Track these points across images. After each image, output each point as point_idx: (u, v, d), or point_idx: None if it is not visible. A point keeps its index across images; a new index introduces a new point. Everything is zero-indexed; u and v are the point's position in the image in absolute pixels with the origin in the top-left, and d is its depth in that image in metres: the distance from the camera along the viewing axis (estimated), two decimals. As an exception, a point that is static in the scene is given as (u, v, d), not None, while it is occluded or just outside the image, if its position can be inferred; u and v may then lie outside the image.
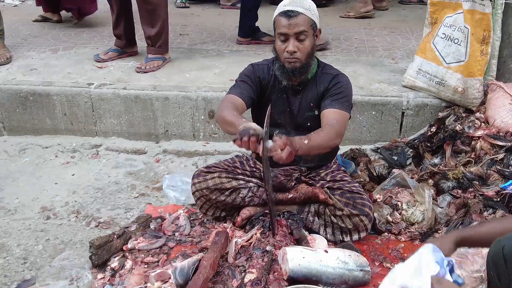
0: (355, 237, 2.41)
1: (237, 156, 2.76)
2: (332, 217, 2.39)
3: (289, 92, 2.46)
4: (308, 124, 2.48)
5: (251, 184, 2.54)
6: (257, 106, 2.50)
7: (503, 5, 3.00)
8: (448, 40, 3.10)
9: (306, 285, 2.01)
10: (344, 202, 2.37)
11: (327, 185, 2.49)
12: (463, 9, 2.99)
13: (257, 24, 4.30)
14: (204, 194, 2.51)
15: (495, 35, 3.04)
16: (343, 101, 2.37)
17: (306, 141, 2.09)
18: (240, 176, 2.54)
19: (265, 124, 1.96)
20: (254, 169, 2.60)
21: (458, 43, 3.05)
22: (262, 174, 2.54)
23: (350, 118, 2.43)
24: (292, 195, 2.50)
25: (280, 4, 2.33)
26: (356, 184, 2.50)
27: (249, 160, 2.67)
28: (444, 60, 3.12)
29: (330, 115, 2.31)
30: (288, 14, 2.24)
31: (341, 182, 2.49)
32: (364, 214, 2.35)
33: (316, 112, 2.45)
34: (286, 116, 2.50)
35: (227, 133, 2.46)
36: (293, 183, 2.52)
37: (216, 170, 2.54)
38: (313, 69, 2.43)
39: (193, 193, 2.56)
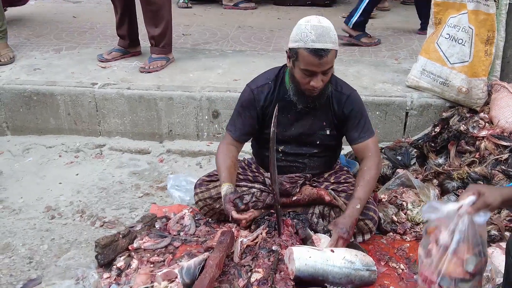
0: (359, 239, 2.41)
1: (238, 161, 2.74)
2: None
3: (299, 110, 2.36)
4: (318, 142, 2.45)
5: (254, 189, 2.53)
6: (261, 124, 2.46)
7: (507, 6, 3.00)
8: (452, 40, 3.10)
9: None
10: None
11: (331, 187, 2.48)
12: (467, 9, 2.99)
13: (257, 23, 4.28)
14: (207, 203, 2.51)
15: (499, 36, 3.04)
16: (367, 126, 2.40)
17: (358, 206, 2.24)
18: (243, 183, 2.53)
19: (272, 125, 1.97)
20: (257, 174, 2.59)
21: (462, 43, 3.05)
22: (267, 177, 2.53)
23: None
24: (296, 197, 2.49)
25: (304, 34, 2.10)
26: None
27: (251, 165, 2.66)
28: (448, 61, 3.12)
29: (365, 148, 2.38)
30: (319, 54, 2.08)
31: (345, 185, 2.48)
32: (368, 218, 2.35)
33: (328, 132, 2.42)
34: (292, 134, 2.43)
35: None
36: (297, 190, 2.50)
37: (218, 178, 2.52)
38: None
39: (196, 203, 2.55)
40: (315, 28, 2.10)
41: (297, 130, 2.42)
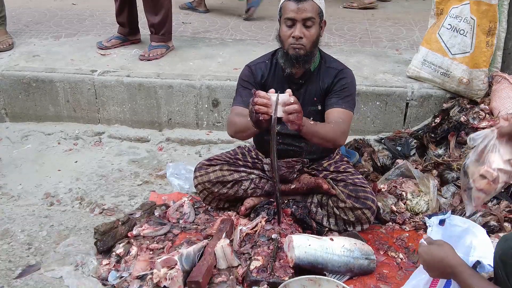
0: (358, 228, 2.41)
1: (239, 147, 2.74)
2: (335, 209, 2.39)
3: (291, 86, 2.38)
4: (311, 118, 2.45)
5: (253, 176, 2.53)
6: None
7: (510, -3, 3.00)
8: (453, 31, 3.08)
9: (310, 276, 2.00)
10: (347, 194, 2.37)
11: (330, 176, 2.48)
12: (470, 0, 2.98)
13: (259, 12, 4.26)
14: (206, 187, 2.51)
15: (501, 27, 3.03)
16: (349, 100, 2.36)
17: (312, 123, 2.15)
18: (242, 168, 2.53)
19: (273, 111, 1.96)
20: (256, 160, 2.59)
21: (464, 34, 3.04)
22: (266, 164, 2.54)
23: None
24: (294, 185, 2.50)
25: None
26: (360, 176, 2.49)
27: (251, 151, 2.66)
28: (450, 51, 3.11)
29: (336, 114, 2.32)
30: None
31: (344, 174, 2.48)
32: (366, 207, 2.35)
33: (319, 107, 2.43)
34: None
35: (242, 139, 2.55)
36: (295, 175, 2.51)
37: (218, 162, 2.54)
38: (316, 61, 2.40)
39: (196, 186, 2.56)
40: None
41: None
